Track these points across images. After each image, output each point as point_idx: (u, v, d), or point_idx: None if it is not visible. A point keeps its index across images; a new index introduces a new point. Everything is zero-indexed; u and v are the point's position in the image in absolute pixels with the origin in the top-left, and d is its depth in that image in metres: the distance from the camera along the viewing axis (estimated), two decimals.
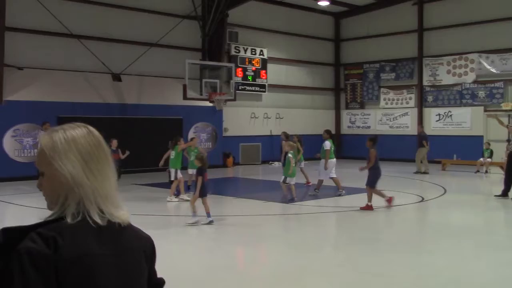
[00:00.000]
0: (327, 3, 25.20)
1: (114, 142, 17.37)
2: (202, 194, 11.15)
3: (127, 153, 18.00)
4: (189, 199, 13.02)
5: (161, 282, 2.12)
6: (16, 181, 18.43)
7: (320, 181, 15.55)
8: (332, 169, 15.50)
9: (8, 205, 14.00)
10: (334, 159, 15.76)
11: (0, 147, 18.84)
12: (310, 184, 17.27)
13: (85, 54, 20.88)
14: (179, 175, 14.37)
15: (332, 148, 15.72)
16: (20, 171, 18.88)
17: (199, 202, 11.09)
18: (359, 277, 7.37)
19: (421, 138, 22.87)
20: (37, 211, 13.42)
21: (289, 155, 14.18)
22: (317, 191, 15.48)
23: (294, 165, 14.13)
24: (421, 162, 22.17)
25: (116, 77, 21.77)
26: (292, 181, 14.14)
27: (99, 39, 21.52)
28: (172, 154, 14.53)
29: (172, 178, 14.33)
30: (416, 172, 21.96)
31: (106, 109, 21.31)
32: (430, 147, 22.43)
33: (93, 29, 21.43)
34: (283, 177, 14.17)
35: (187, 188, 15.34)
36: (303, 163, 17.67)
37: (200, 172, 11.21)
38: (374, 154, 13.18)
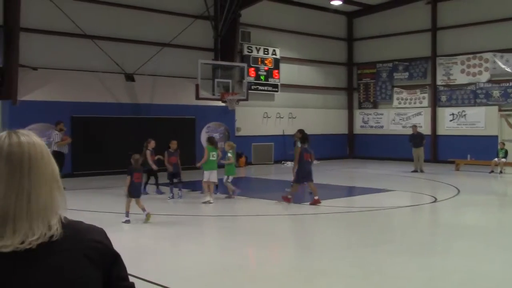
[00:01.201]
0: (340, 2, 25.13)
1: (152, 143, 15.67)
2: (131, 195, 11.07)
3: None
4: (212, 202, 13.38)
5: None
6: None
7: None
8: None
9: None
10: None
11: None
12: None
13: (99, 54, 21.00)
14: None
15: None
16: None
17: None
18: (371, 278, 7.35)
19: (421, 138, 23.17)
20: None
21: (229, 154, 14.52)
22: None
23: (230, 162, 14.68)
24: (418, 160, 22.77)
25: (129, 77, 21.88)
26: (229, 179, 14.68)
27: (112, 39, 21.64)
28: (213, 155, 14.14)
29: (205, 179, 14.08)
30: (414, 171, 22.47)
31: (119, 109, 21.42)
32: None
33: (107, 30, 21.55)
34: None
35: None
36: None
37: (129, 171, 11.14)
38: (298, 151, 13.94)
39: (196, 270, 7.71)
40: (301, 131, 16.38)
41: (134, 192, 11.22)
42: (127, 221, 11.16)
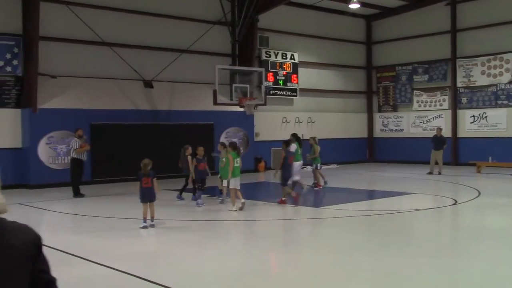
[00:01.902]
0: (358, 5, 25.00)
1: (190, 149, 15.41)
2: (141, 200, 11.22)
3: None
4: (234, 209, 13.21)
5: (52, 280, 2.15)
6: (51, 187, 18.76)
7: (295, 182, 15.66)
8: (297, 171, 15.80)
9: (43, 211, 14.21)
10: (300, 162, 16.30)
11: (35, 154, 19.18)
12: (320, 187, 17.50)
13: (117, 62, 21.16)
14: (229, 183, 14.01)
15: (299, 151, 16.26)
16: (54, 178, 19.19)
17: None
18: (390, 282, 7.25)
19: (443, 141, 23.02)
20: (70, 216, 13.60)
21: (223, 159, 14.28)
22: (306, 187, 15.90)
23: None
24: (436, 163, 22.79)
25: (148, 84, 22.00)
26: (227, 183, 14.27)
27: (130, 46, 21.78)
28: (237, 161, 13.88)
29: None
30: (429, 173, 22.45)
31: (138, 116, 21.52)
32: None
33: (125, 37, 21.70)
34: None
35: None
36: (319, 165, 17.81)
37: (138, 177, 11.28)
38: (282, 155, 14.39)
39: (214, 275, 7.68)
40: (293, 135, 16.92)
41: (142, 197, 11.25)
42: (144, 227, 11.16)
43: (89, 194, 16.91)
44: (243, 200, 13.41)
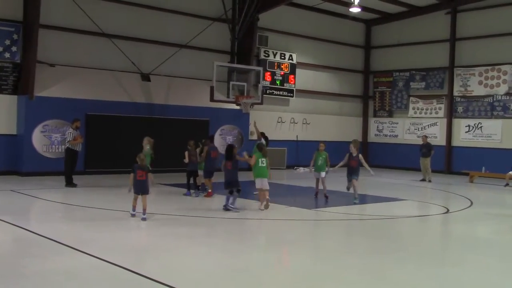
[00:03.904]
0: (359, 9, 25.01)
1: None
2: (134, 191, 11.50)
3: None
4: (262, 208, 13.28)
5: None
6: (44, 176, 18.72)
7: None
8: None
9: (34, 199, 14.17)
10: None
11: (29, 141, 19.11)
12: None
13: (116, 53, 21.11)
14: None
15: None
16: (47, 166, 19.15)
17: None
18: (379, 286, 7.26)
19: (429, 148, 23.21)
20: (62, 206, 13.57)
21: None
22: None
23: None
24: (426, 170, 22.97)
25: (145, 77, 21.96)
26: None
27: (129, 38, 21.74)
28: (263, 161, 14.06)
29: None
30: (422, 180, 22.67)
31: (134, 109, 21.48)
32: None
33: (124, 29, 21.66)
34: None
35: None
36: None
37: (133, 169, 11.51)
38: (205, 150, 15.45)
39: (203, 272, 7.67)
40: (262, 133, 17.80)
41: (136, 188, 11.50)
42: (133, 215, 11.47)
43: (81, 184, 16.86)
44: (265, 202, 13.38)
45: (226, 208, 12.96)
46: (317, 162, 15.80)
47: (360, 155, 15.19)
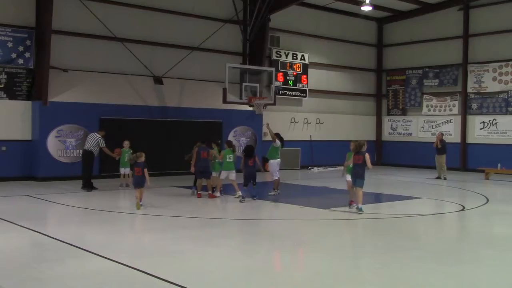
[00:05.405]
0: (371, 8, 24.92)
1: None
2: (134, 185, 13.44)
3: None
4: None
5: None
6: (59, 180, 18.85)
7: (276, 181, 16.59)
8: (276, 169, 16.77)
9: (51, 204, 14.26)
10: (278, 160, 17.05)
11: (44, 147, 19.25)
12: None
13: (128, 57, 21.22)
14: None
15: (279, 149, 17.21)
16: (63, 171, 19.29)
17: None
18: (395, 285, 7.23)
19: (443, 146, 22.85)
20: (78, 210, 13.64)
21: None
22: (276, 191, 16.37)
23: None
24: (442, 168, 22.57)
25: (158, 80, 22.05)
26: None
27: (142, 42, 21.84)
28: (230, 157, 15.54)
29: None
30: (438, 178, 22.39)
31: (147, 112, 21.56)
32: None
33: (136, 33, 21.75)
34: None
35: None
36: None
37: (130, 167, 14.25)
38: (195, 151, 15.63)
39: (219, 274, 7.68)
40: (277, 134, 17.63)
41: (134, 183, 13.47)
42: (140, 204, 13.06)
43: (97, 188, 16.96)
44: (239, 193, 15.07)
45: (243, 199, 14.71)
46: (349, 165, 13.46)
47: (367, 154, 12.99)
